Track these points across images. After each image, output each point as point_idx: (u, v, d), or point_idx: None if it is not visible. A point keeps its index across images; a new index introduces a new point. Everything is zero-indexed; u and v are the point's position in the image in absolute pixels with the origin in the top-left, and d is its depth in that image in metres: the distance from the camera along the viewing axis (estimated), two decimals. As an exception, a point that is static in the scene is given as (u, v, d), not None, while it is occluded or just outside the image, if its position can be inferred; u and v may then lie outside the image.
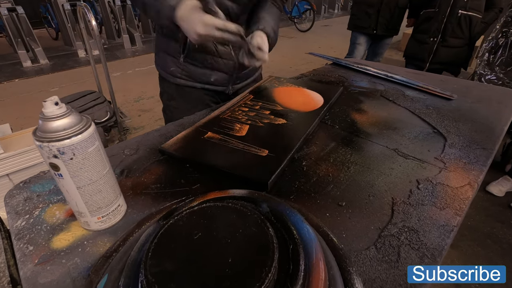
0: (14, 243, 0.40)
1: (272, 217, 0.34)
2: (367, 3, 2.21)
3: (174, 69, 0.86)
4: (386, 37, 2.34)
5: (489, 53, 1.93)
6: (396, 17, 2.20)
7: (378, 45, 2.40)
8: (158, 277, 0.26)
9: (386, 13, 2.17)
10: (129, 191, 0.49)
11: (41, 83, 3.84)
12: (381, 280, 0.34)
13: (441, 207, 0.44)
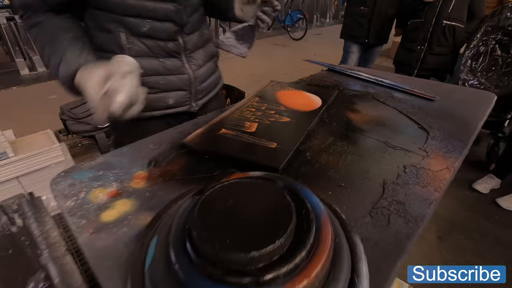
0: (68, 219, 0.48)
1: (287, 190, 0.43)
2: (359, 14, 2.34)
3: None
4: (377, 45, 2.48)
5: (471, 60, 2.07)
6: (386, 26, 2.34)
7: (369, 52, 2.53)
8: (203, 230, 0.34)
9: (377, 23, 2.30)
10: (159, 178, 0.57)
11: (40, 91, 3.88)
12: (375, 239, 0.43)
13: (423, 185, 0.53)
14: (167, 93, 0.80)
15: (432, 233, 1.60)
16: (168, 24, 0.72)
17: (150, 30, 0.72)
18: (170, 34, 0.74)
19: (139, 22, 0.70)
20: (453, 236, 1.58)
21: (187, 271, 0.34)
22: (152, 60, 0.75)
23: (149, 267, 0.37)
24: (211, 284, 0.32)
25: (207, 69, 0.88)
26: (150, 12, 0.69)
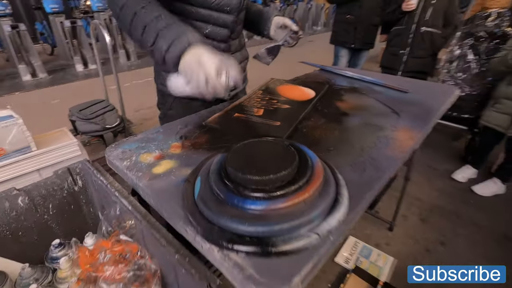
0: (127, 173, 0.64)
1: (291, 146, 0.60)
2: (346, 21, 2.56)
3: None
4: (363, 50, 2.69)
5: (448, 63, 2.30)
6: (371, 33, 2.56)
7: (357, 57, 2.75)
8: (236, 165, 0.51)
9: (362, 30, 2.52)
10: (190, 147, 0.73)
11: (42, 96, 4.00)
12: (354, 179, 0.60)
13: (391, 149, 0.71)
14: None
15: (416, 216, 1.78)
16: (224, 30, 0.91)
17: (210, 32, 0.89)
18: (223, 37, 0.92)
19: (204, 25, 0.87)
20: (434, 218, 1.76)
21: (225, 193, 0.50)
22: None
23: (198, 195, 0.54)
24: (243, 199, 0.49)
25: (241, 67, 1.06)
26: (214, 19, 0.87)
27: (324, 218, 0.49)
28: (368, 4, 2.43)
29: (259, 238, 0.45)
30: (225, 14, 0.88)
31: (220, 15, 0.87)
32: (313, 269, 0.44)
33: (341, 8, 2.61)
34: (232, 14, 0.90)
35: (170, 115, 1.01)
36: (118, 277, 0.54)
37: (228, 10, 0.87)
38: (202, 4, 0.83)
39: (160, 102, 1.07)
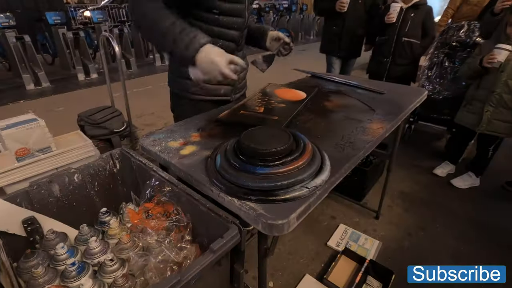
0: (160, 154, 0.82)
1: (288, 131, 0.79)
2: (332, 32, 2.80)
3: (195, 89, 1.13)
4: (350, 59, 2.92)
5: (427, 69, 2.54)
6: (355, 43, 2.79)
7: (345, 64, 2.98)
8: (248, 142, 0.70)
9: (346, 40, 2.75)
10: (207, 136, 0.92)
11: (47, 104, 4.16)
12: (335, 156, 0.79)
13: (365, 135, 0.91)
14: (221, 85, 1.16)
15: (399, 206, 1.97)
16: (232, 43, 1.10)
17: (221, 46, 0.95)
18: (231, 49, 1.10)
19: (216, 40, 1.03)
20: (415, 208, 1.95)
21: (240, 163, 0.69)
22: None
23: (219, 166, 0.72)
24: (253, 167, 0.68)
25: (243, 74, 1.27)
26: (224, 35, 1.05)
27: (312, 178, 0.68)
28: (351, 17, 2.67)
29: (266, 191, 0.64)
30: (233, 31, 1.07)
31: (229, 31, 1.06)
32: (305, 211, 0.62)
33: (328, 21, 2.86)
34: (239, 30, 1.09)
35: (185, 116, 1.15)
36: (160, 227, 0.71)
37: (236, 27, 1.07)
38: (215, 23, 1.02)
39: (174, 104, 1.24)
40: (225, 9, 1.00)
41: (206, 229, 0.68)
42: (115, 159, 0.90)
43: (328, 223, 1.84)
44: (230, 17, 1.03)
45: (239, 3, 1.04)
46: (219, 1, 0.98)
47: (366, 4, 2.64)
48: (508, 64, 1.77)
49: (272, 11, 8.90)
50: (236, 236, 0.59)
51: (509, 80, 1.79)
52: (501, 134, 1.92)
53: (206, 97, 1.16)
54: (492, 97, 1.87)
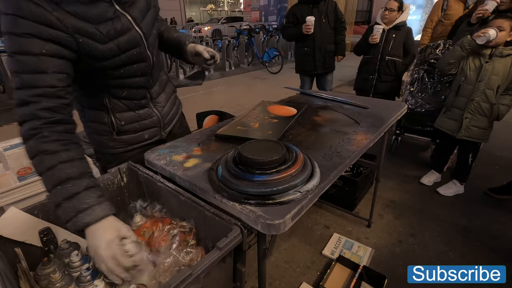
0: (166, 167, 0.90)
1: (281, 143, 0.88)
2: (304, 53, 2.98)
3: (113, 143, 1.00)
4: (327, 74, 3.09)
5: (409, 85, 2.70)
6: (328, 58, 2.97)
7: (323, 80, 3.14)
8: (246, 153, 0.79)
9: (319, 58, 2.93)
10: (208, 149, 1.00)
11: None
12: (324, 164, 0.88)
13: (351, 145, 1.01)
14: (143, 131, 1.03)
15: (390, 214, 2.06)
16: (140, 89, 0.96)
17: (126, 95, 0.93)
18: (141, 95, 0.98)
19: (119, 90, 0.91)
20: (405, 216, 2.04)
21: (239, 173, 0.77)
22: (129, 113, 0.98)
23: (221, 175, 0.80)
24: (251, 175, 0.76)
25: (169, 105, 1.10)
26: (127, 84, 0.91)
27: (304, 184, 0.76)
28: (319, 37, 2.87)
29: (263, 195, 0.72)
30: (137, 78, 0.91)
31: (132, 79, 0.90)
32: (298, 212, 0.71)
33: (299, 43, 3.05)
34: (145, 75, 0.93)
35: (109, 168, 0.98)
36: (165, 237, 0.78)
37: (139, 74, 0.91)
38: (112, 76, 0.86)
39: (97, 158, 1.12)
40: (118, 62, 0.84)
41: (211, 233, 0.76)
42: (122, 173, 0.98)
43: (322, 232, 1.90)
44: (128, 66, 0.87)
45: (134, 48, 0.85)
46: (106, 60, 0.81)
47: (330, 21, 2.86)
48: (485, 75, 1.93)
49: (262, 32, 9.26)
50: (238, 235, 0.66)
51: (486, 89, 1.95)
52: (477, 139, 2.06)
53: (130, 147, 1.03)
54: (471, 104, 2.02)
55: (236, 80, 7.08)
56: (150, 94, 1.01)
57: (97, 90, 0.91)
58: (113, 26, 0.78)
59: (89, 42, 0.75)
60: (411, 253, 1.73)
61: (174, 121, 1.15)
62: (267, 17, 14.25)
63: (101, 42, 0.77)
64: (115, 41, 0.80)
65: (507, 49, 1.86)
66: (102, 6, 0.76)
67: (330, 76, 3.13)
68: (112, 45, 0.79)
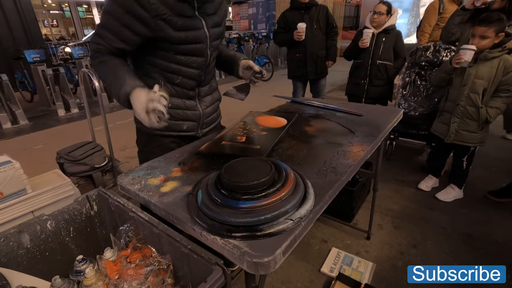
0: (139, 193, 0.79)
1: (269, 161, 0.78)
2: (296, 59, 2.95)
3: None
4: (319, 79, 3.05)
5: (402, 88, 2.65)
6: (320, 64, 2.93)
7: (316, 86, 3.09)
8: (229, 176, 0.69)
9: (311, 63, 2.90)
10: (188, 170, 0.90)
11: (24, 142, 4.01)
12: (318, 182, 0.78)
13: (346, 158, 0.92)
14: (183, 121, 1.13)
15: (389, 224, 1.96)
16: (192, 81, 1.08)
17: (179, 82, 1.07)
18: (192, 86, 1.10)
19: (175, 76, 1.05)
20: (405, 225, 1.95)
21: (222, 198, 0.67)
22: (177, 100, 1.09)
23: (200, 202, 0.70)
24: (235, 201, 0.66)
25: (211, 108, 1.23)
26: (183, 73, 1.05)
27: (297, 209, 0.66)
28: (311, 43, 2.84)
29: (249, 226, 0.62)
30: (192, 69, 1.06)
31: (188, 69, 1.05)
32: (291, 244, 0.60)
33: (291, 49, 3.01)
34: (199, 69, 1.08)
35: (146, 151, 1.16)
36: (137, 274, 0.67)
37: (195, 66, 1.06)
38: (173, 60, 1.02)
39: (137, 139, 1.22)
40: (183, 50, 1.00)
41: (189, 272, 0.65)
42: (92, 201, 0.86)
43: (320, 247, 1.80)
44: (188, 57, 1.03)
45: (199, 43, 1.03)
46: (174, 45, 0.98)
47: (321, 27, 2.84)
48: (469, 79, 1.88)
49: (252, 40, 9.25)
50: (220, 278, 0.56)
51: (471, 93, 1.90)
52: (469, 143, 2.00)
53: (166, 133, 1.12)
54: (457, 109, 1.97)
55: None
56: (198, 90, 1.14)
57: (156, 72, 1.05)
58: (188, 22, 0.97)
59: (165, 26, 0.93)
60: (414, 265, 1.63)
61: (212, 126, 1.27)
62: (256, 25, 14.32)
63: (175, 29, 0.95)
64: (186, 32, 0.98)
65: (492, 52, 1.81)
66: (186, 6, 0.96)
67: (323, 81, 3.09)
68: (182, 34, 0.97)
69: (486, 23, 1.74)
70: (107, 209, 0.88)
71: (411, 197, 2.27)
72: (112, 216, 0.88)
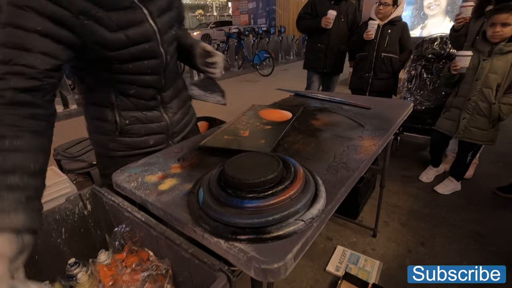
0: (136, 192, 0.73)
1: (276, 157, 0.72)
2: (317, 49, 2.86)
3: (114, 145, 0.92)
4: (334, 75, 2.97)
5: (407, 82, 2.58)
6: (339, 59, 2.86)
7: (329, 81, 3.02)
8: (233, 173, 0.63)
9: (331, 56, 2.82)
10: (188, 166, 0.84)
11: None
12: (329, 179, 0.72)
13: (358, 153, 0.86)
14: (148, 136, 0.95)
15: (396, 221, 1.91)
16: (150, 89, 0.89)
17: (134, 93, 0.87)
18: (151, 96, 0.91)
19: (127, 86, 0.85)
20: (412, 222, 1.90)
21: (226, 197, 0.61)
22: (136, 113, 0.90)
23: (202, 202, 0.64)
24: (240, 200, 0.60)
25: (181, 113, 1.03)
26: (137, 82, 0.85)
27: (308, 209, 0.60)
28: (335, 34, 2.76)
29: (256, 228, 0.56)
30: (147, 76, 0.86)
31: (142, 77, 0.85)
32: (302, 248, 0.55)
33: (312, 38, 2.92)
34: (156, 74, 0.87)
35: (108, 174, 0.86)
36: (133, 280, 0.61)
37: (150, 72, 0.86)
38: (119, 71, 0.81)
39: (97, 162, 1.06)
40: (127, 56, 0.78)
41: (190, 278, 0.59)
42: (85, 200, 0.80)
43: (325, 245, 1.75)
44: (138, 62, 0.81)
45: (147, 42, 0.80)
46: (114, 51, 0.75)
47: (348, 22, 2.75)
48: (482, 73, 1.81)
49: (252, 35, 9.14)
50: (225, 286, 0.50)
51: (484, 88, 1.83)
52: (479, 141, 1.94)
53: (132, 152, 0.95)
54: (468, 104, 1.90)
55: (227, 84, 6.92)
56: (161, 97, 0.94)
57: (104, 85, 0.85)
58: (125, 17, 0.74)
59: (95, 26, 0.70)
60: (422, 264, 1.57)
61: (185, 132, 1.07)
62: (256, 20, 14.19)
63: (109, 29, 0.72)
64: (124, 31, 0.75)
65: (508, 46, 1.74)
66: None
67: (337, 77, 3.03)
68: (121, 35, 0.74)
69: (507, 10, 1.67)
70: (102, 208, 0.82)
71: (418, 193, 2.22)
72: (107, 216, 0.82)
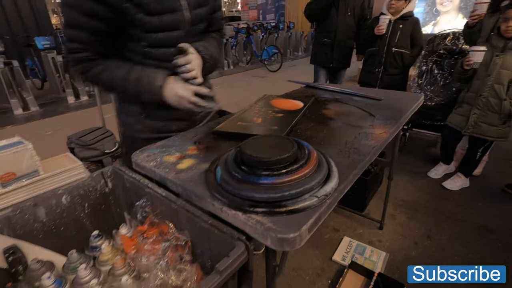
0: (155, 170, 0.77)
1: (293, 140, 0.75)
2: (324, 44, 2.86)
3: (139, 127, 0.98)
4: (341, 70, 2.97)
5: (418, 77, 2.57)
6: (346, 54, 2.85)
7: (336, 76, 3.02)
8: (250, 151, 0.65)
9: (338, 51, 2.81)
10: (204, 148, 0.87)
11: (35, 128, 4.06)
12: (341, 162, 0.75)
13: (369, 139, 0.88)
14: (171, 121, 1.00)
15: (403, 215, 1.93)
16: None
17: None
18: None
19: None
20: (419, 216, 1.91)
21: (241, 173, 0.64)
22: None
23: (220, 178, 0.67)
24: (257, 177, 0.63)
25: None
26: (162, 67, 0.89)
27: (321, 186, 0.63)
28: (342, 29, 2.74)
29: (273, 202, 0.59)
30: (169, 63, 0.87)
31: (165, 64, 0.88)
32: (316, 222, 0.57)
33: (319, 33, 2.92)
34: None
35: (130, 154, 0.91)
36: (154, 250, 0.65)
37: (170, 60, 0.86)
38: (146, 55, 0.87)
39: (122, 142, 1.11)
40: (155, 40, 0.84)
41: (209, 248, 0.63)
42: (106, 178, 0.85)
43: (331, 236, 1.77)
44: (163, 49, 0.87)
45: (175, 30, 0.86)
46: (145, 33, 0.82)
47: (355, 16, 2.72)
48: (494, 69, 1.80)
49: (260, 30, 9.12)
50: (243, 254, 0.54)
51: (495, 84, 1.82)
52: (489, 137, 1.93)
53: (154, 135, 0.99)
54: (479, 100, 1.89)
55: (235, 79, 6.95)
56: None
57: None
58: (164, 3, 0.80)
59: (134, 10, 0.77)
60: (428, 256, 1.60)
61: (206, 121, 1.11)
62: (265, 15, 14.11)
63: (146, 13, 0.78)
64: (160, 17, 0.81)
65: None
66: None
67: (344, 72, 3.02)
68: (155, 20, 0.81)
69: None
70: (122, 186, 0.86)
71: (425, 188, 2.22)
72: (127, 194, 0.86)
